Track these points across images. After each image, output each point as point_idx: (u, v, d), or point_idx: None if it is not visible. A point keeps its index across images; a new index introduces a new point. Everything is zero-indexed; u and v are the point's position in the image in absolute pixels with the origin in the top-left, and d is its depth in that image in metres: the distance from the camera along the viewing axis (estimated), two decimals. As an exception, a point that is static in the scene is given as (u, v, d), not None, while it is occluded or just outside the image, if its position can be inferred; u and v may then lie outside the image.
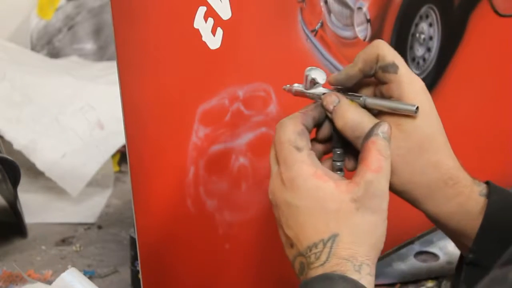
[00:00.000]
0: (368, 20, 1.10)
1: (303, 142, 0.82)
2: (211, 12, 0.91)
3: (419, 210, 0.89)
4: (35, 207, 1.44)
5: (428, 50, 1.20)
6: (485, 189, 0.88)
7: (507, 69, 1.32)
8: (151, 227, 0.92)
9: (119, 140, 1.47)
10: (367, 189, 0.80)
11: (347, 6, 1.07)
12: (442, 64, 1.23)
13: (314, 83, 0.88)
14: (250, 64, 0.97)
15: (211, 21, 0.91)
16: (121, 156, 1.60)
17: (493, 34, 1.29)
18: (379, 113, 0.86)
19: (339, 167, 0.87)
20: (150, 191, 0.91)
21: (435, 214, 0.88)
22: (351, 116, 0.85)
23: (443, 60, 1.23)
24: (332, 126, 0.86)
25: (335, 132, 0.86)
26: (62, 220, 1.43)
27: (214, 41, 0.92)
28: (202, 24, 0.90)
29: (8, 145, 1.46)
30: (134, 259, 1.18)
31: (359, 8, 1.08)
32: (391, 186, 0.84)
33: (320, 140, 0.88)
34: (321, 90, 0.88)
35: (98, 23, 1.88)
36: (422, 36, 1.19)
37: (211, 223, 0.97)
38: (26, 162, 1.46)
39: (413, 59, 1.18)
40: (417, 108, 0.84)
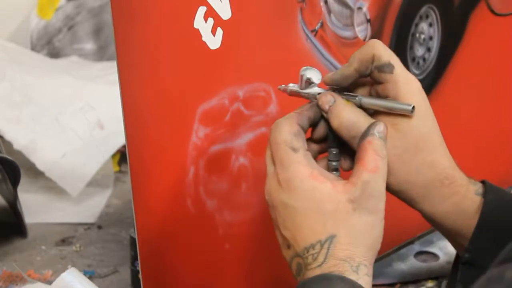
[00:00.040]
0: (368, 20, 1.10)
1: (299, 143, 0.82)
2: (211, 12, 0.91)
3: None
4: (35, 207, 1.44)
5: (428, 50, 1.20)
6: (481, 188, 0.88)
7: (507, 69, 1.32)
8: (151, 227, 0.92)
9: (119, 140, 1.47)
10: (364, 189, 0.80)
11: (347, 6, 1.07)
12: (442, 64, 1.23)
13: (309, 83, 0.88)
14: (250, 64, 0.97)
15: (211, 21, 0.91)
16: (121, 156, 1.60)
17: (493, 34, 1.29)
18: (374, 112, 0.86)
19: (334, 166, 0.87)
20: (150, 191, 0.91)
21: (431, 214, 0.88)
22: (347, 116, 0.85)
23: (443, 60, 1.23)
24: (328, 126, 0.86)
25: (331, 132, 0.86)
26: (62, 220, 1.43)
27: (214, 41, 0.92)
28: (202, 24, 0.90)
29: (8, 145, 1.46)
30: (134, 259, 1.18)
31: (359, 8, 1.08)
32: (387, 186, 0.84)
33: (316, 140, 0.88)
34: (316, 90, 0.88)
35: (98, 23, 1.88)
36: (422, 36, 1.19)
37: (211, 223, 0.97)
38: (26, 162, 1.46)
39: (413, 59, 1.18)
40: (413, 108, 0.83)
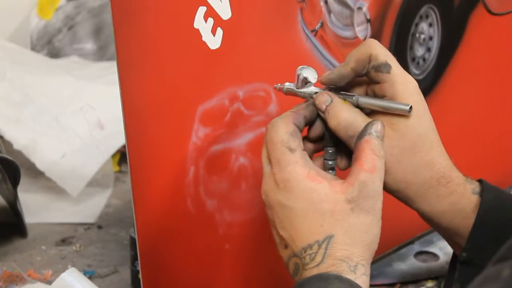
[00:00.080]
0: (368, 20, 1.10)
1: (295, 143, 0.82)
2: (211, 12, 0.90)
3: (416, 210, 0.89)
4: (35, 207, 1.44)
5: (428, 50, 1.20)
6: (478, 187, 0.88)
7: (507, 69, 1.32)
8: (151, 227, 0.92)
9: (119, 140, 1.47)
10: (361, 189, 0.80)
11: (347, 6, 1.07)
12: (442, 64, 1.23)
13: (305, 82, 0.88)
14: (250, 64, 0.97)
15: (211, 21, 0.91)
16: (121, 156, 1.60)
17: (493, 34, 1.29)
18: (371, 112, 0.86)
19: (331, 166, 0.87)
20: (150, 191, 0.91)
21: (428, 213, 0.88)
22: (345, 116, 0.84)
23: (443, 60, 1.23)
24: (324, 125, 0.86)
25: (327, 131, 0.86)
26: (62, 220, 1.43)
27: (214, 41, 0.92)
28: (202, 24, 0.90)
29: (8, 145, 1.46)
30: (134, 259, 1.18)
31: (359, 8, 1.08)
32: (384, 186, 0.84)
33: (312, 139, 0.88)
34: (312, 89, 0.88)
35: (98, 23, 1.88)
36: (422, 36, 1.19)
37: (211, 223, 0.97)
38: (26, 162, 1.46)
39: (413, 59, 1.18)
40: (410, 108, 0.83)
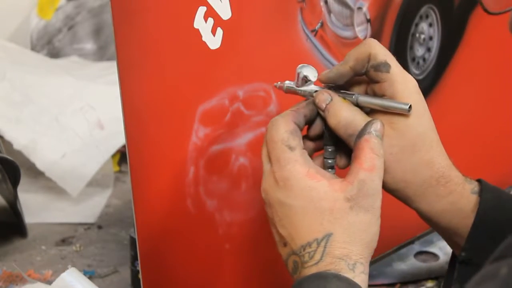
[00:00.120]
0: (368, 20, 1.10)
1: (295, 141, 0.82)
2: (211, 12, 0.90)
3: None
4: (35, 207, 1.44)
5: (428, 50, 1.20)
6: (477, 187, 0.88)
7: (507, 69, 1.32)
8: (151, 227, 0.92)
9: (119, 140, 1.47)
10: (360, 188, 0.80)
11: (347, 6, 1.07)
12: (442, 64, 1.23)
13: (305, 81, 0.88)
14: (250, 64, 0.97)
15: (211, 21, 0.91)
16: (121, 156, 1.60)
17: (493, 34, 1.29)
18: (371, 111, 0.86)
19: (330, 164, 0.87)
20: (150, 191, 0.91)
21: (427, 213, 0.88)
22: (344, 114, 0.85)
23: (443, 60, 1.23)
24: (324, 123, 0.86)
25: (327, 129, 0.86)
26: (62, 220, 1.43)
27: (214, 41, 0.92)
28: (202, 24, 0.90)
29: (8, 145, 1.46)
30: (134, 259, 1.18)
31: (359, 8, 1.08)
32: (384, 185, 0.84)
33: (311, 138, 0.88)
34: (312, 87, 0.88)
35: (98, 23, 1.88)
36: (422, 36, 1.19)
37: (211, 223, 0.97)
38: (26, 162, 1.46)
39: (413, 59, 1.18)
40: (410, 107, 0.83)
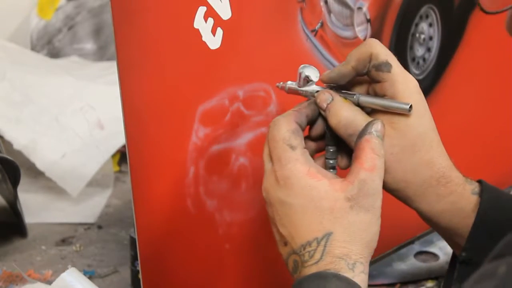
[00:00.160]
0: (368, 20, 1.10)
1: (297, 141, 0.82)
2: (211, 12, 0.91)
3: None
4: (35, 207, 1.44)
5: (428, 50, 1.20)
6: (477, 187, 0.88)
7: (507, 69, 1.32)
8: (151, 227, 0.92)
9: (119, 140, 1.47)
10: (361, 187, 0.80)
11: (347, 6, 1.07)
12: (442, 64, 1.23)
13: (307, 81, 0.88)
14: (250, 64, 0.97)
15: (211, 21, 0.91)
16: (121, 156, 1.60)
17: (493, 34, 1.29)
18: (372, 111, 0.87)
19: (332, 165, 0.87)
20: (150, 191, 0.91)
21: (428, 213, 0.88)
22: (345, 114, 0.85)
23: (443, 60, 1.23)
24: (325, 124, 0.87)
25: (328, 130, 0.87)
26: (62, 220, 1.43)
27: (214, 41, 0.92)
28: (202, 24, 0.90)
29: (8, 145, 1.46)
30: (134, 259, 1.18)
31: (359, 8, 1.08)
32: (384, 185, 0.84)
33: (313, 138, 0.88)
34: (314, 87, 0.88)
35: (98, 23, 1.88)
36: (422, 36, 1.19)
37: (211, 223, 0.97)
38: (26, 162, 1.46)
39: (413, 59, 1.18)
40: (410, 107, 0.84)
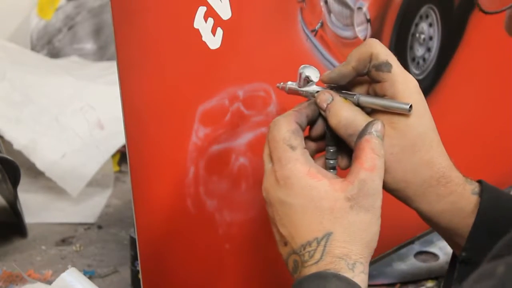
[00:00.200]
0: (368, 20, 1.10)
1: (297, 141, 0.83)
2: (211, 12, 0.90)
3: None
4: (35, 207, 1.44)
5: (428, 50, 1.20)
6: (477, 187, 0.88)
7: (507, 69, 1.32)
8: (151, 227, 0.92)
9: (119, 140, 1.47)
10: (361, 187, 0.80)
11: (347, 6, 1.07)
12: (442, 64, 1.23)
13: (307, 81, 0.88)
14: (250, 64, 0.97)
15: (211, 21, 0.91)
16: (121, 156, 1.60)
17: (493, 34, 1.29)
18: (372, 111, 0.87)
19: (332, 165, 0.87)
20: (150, 191, 0.91)
21: (428, 213, 0.88)
22: (345, 114, 0.85)
23: (443, 60, 1.23)
24: (326, 124, 0.87)
25: (329, 130, 0.87)
26: (62, 220, 1.43)
27: (214, 41, 0.92)
28: (202, 24, 0.90)
29: (8, 145, 1.46)
30: (134, 259, 1.18)
31: (359, 8, 1.08)
32: (384, 185, 0.84)
33: (313, 138, 0.88)
34: (314, 88, 0.88)
35: (98, 23, 1.88)
36: (422, 36, 1.19)
37: (211, 223, 0.97)
38: (26, 162, 1.46)
39: (413, 59, 1.18)
40: (410, 107, 0.84)
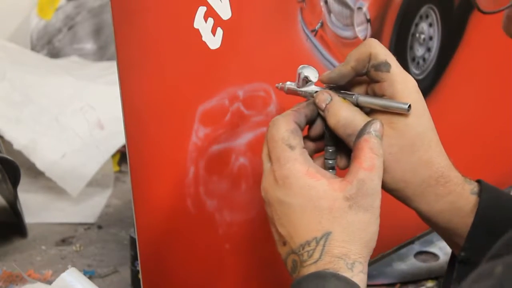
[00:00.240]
0: (368, 20, 1.10)
1: (296, 140, 0.83)
2: (211, 12, 0.91)
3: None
4: (35, 207, 1.44)
5: (428, 50, 1.20)
6: (476, 187, 0.88)
7: (507, 69, 1.32)
8: (151, 227, 0.92)
9: (119, 140, 1.47)
10: (360, 187, 0.80)
11: (347, 6, 1.07)
12: (442, 64, 1.23)
13: (306, 81, 0.88)
14: (250, 64, 0.97)
15: (211, 21, 0.91)
16: (121, 156, 1.60)
17: (493, 34, 1.29)
18: (371, 111, 0.87)
19: (331, 165, 0.87)
20: (150, 191, 0.91)
21: (427, 212, 0.88)
22: (344, 114, 0.85)
23: (443, 60, 1.23)
24: (324, 124, 0.87)
25: (327, 130, 0.87)
26: (62, 220, 1.43)
27: (214, 41, 0.92)
28: (202, 24, 0.90)
29: (8, 145, 1.46)
30: (134, 259, 1.18)
31: (359, 8, 1.08)
32: (383, 185, 0.84)
33: (312, 138, 0.88)
34: (313, 88, 0.88)
35: (98, 23, 1.88)
36: (422, 36, 1.19)
37: (211, 223, 0.97)
38: (26, 162, 1.46)
39: (413, 59, 1.18)
40: (409, 106, 0.84)
